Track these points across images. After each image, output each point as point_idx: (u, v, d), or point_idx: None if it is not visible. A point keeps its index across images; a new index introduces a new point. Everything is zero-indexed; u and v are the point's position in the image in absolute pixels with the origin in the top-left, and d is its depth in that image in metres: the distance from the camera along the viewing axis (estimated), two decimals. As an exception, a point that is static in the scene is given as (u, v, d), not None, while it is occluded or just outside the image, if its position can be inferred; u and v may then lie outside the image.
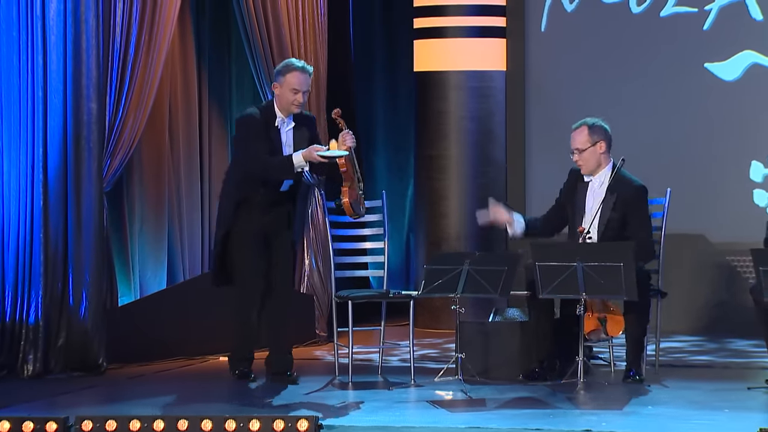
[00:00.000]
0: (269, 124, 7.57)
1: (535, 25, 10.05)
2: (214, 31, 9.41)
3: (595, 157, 7.70)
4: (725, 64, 9.66)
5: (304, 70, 7.57)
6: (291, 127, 7.62)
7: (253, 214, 7.59)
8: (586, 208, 7.71)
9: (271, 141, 7.54)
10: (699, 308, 9.60)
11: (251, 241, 7.62)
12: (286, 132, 7.62)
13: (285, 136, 7.61)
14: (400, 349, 8.75)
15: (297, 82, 7.53)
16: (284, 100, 7.56)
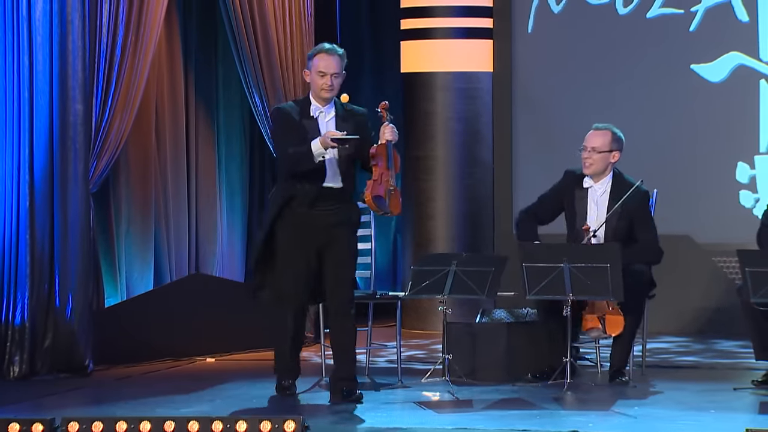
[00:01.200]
0: (303, 114, 7.06)
1: (521, 26, 10.05)
2: (201, 32, 9.39)
3: (605, 163, 7.72)
4: (711, 65, 9.68)
5: (331, 51, 7.05)
6: (332, 117, 7.10)
7: (298, 212, 7.04)
8: (589, 215, 7.70)
9: (304, 131, 7.00)
10: (685, 309, 9.61)
11: (295, 243, 7.07)
12: (326, 122, 7.09)
13: (324, 126, 7.06)
14: (387, 350, 8.75)
15: (324, 65, 7.02)
16: (315, 86, 7.05)
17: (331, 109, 7.11)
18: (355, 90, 10.83)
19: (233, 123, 9.60)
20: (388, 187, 7.03)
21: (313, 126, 7.05)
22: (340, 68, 7.06)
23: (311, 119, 7.06)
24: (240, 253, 9.59)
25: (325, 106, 7.10)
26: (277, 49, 9.08)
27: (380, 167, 7.02)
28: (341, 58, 7.07)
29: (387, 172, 7.03)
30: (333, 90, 7.06)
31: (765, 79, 9.54)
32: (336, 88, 7.07)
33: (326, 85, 7.02)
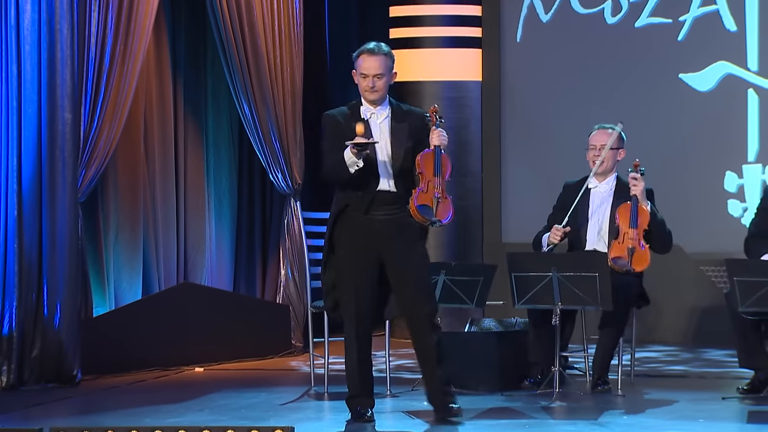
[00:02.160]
0: (354, 117, 6.71)
1: (510, 35, 10.07)
2: (190, 40, 9.40)
3: (614, 160, 7.82)
4: (700, 74, 9.70)
5: (372, 51, 6.72)
6: (385, 118, 6.72)
7: (354, 220, 6.67)
8: (590, 212, 7.76)
9: (353, 134, 6.61)
10: (674, 318, 9.63)
11: (353, 253, 6.68)
12: (379, 123, 6.72)
13: (377, 128, 6.70)
14: (376, 359, 8.72)
15: (366, 66, 6.69)
16: (360, 88, 6.73)
17: (384, 109, 6.75)
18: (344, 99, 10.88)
19: (222, 132, 9.60)
20: (434, 194, 6.64)
21: (367, 128, 6.69)
22: (385, 68, 6.70)
23: (362, 121, 6.69)
24: (229, 262, 9.59)
25: (378, 107, 6.74)
26: (266, 57, 9.09)
27: (426, 175, 6.66)
28: (385, 58, 6.72)
29: (434, 180, 6.64)
30: (377, 91, 6.69)
31: (753, 88, 9.57)
32: (381, 89, 6.71)
33: (368, 87, 6.69)
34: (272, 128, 9.17)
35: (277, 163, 9.23)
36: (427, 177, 6.64)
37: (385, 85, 6.72)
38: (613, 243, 7.58)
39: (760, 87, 9.56)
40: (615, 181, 7.83)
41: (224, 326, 8.85)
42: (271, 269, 9.54)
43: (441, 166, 6.66)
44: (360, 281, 6.65)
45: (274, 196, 9.60)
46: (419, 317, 6.66)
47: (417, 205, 6.59)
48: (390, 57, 6.77)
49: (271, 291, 9.47)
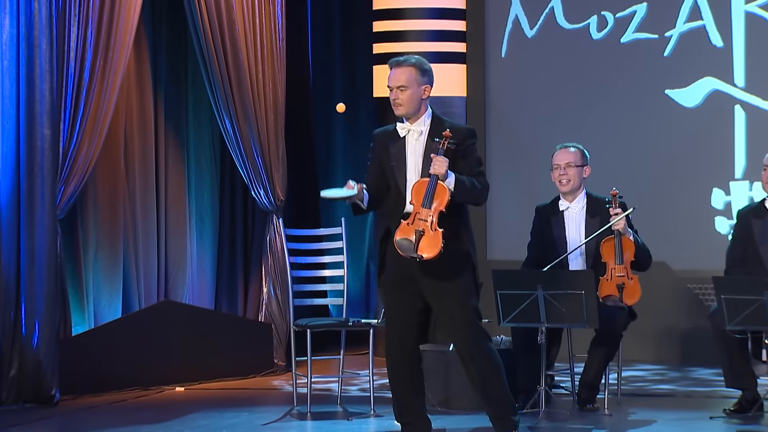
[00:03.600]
0: (394, 135, 6.50)
1: (495, 50, 10.08)
2: (171, 56, 9.38)
3: (580, 178, 7.81)
4: (686, 90, 9.72)
5: (393, 63, 6.50)
6: (420, 136, 6.46)
7: (391, 247, 6.44)
8: (568, 235, 7.75)
9: (388, 156, 6.46)
10: (661, 337, 9.62)
11: (391, 281, 6.51)
12: (416, 140, 6.47)
13: (412, 147, 6.46)
14: (360, 378, 8.72)
15: (390, 78, 6.44)
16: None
17: (422, 126, 6.47)
18: (327, 115, 10.90)
19: (203, 148, 9.58)
20: (417, 228, 6.30)
21: (399, 148, 6.47)
22: (410, 80, 6.41)
23: (398, 140, 6.48)
24: (210, 280, 9.56)
25: (414, 123, 6.47)
26: (248, 72, 9.08)
27: (414, 205, 6.34)
28: (411, 69, 6.44)
29: (421, 211, 6.29)
30: (400, 105, 6.42)
31: (740, 104, 9.59)
32: (405, 102, 6.42)
33: (392, 100, 6.45)
34: (254, 144, 9.15)
35: (260, 180, 9.21)
36: (415, 208, 6.35)
37: (410, 98, 6.42)
38: (601, 280, 7.57)
39: (747, 103, 9.57)
40: (585, 198, 7.83)
41: (205, 345, 8.82)
42: (253, 287, 9.51)
43: (433, 197, 6.31)
44: (395, 306, 6.50)
45: (256, 212, 9.58)
46: (457, 348, 6.54)
47: (395, 239, 6.35)
48: (418, 68, 6.47)
49: (253, 309, 9.44)
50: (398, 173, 6.45)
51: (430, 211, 6.31)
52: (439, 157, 6.33)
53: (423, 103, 6.47)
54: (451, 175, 6.35)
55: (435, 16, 9.94)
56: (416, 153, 6.45)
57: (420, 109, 6.48)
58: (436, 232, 6.31)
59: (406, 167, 6.44)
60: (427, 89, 6.49)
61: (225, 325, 9.10)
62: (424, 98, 6.47)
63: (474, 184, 6.42)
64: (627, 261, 7.59)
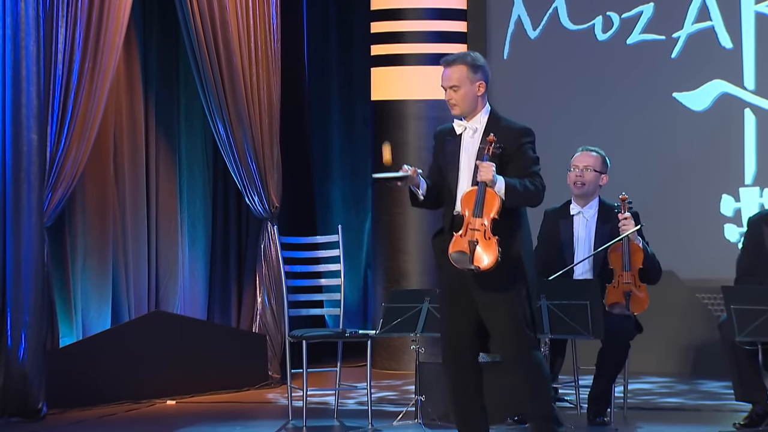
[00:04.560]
0: (451, 132, 6.52)
1: (497, 52, 10.09)
2: (162, 58, 9.40)
3: (596, 184, 7.84)
4: (694, 93, 9.74)
5: (444, 62, 6.51)
6: (475, 133, 6.47)
7: (441, 248, 6.44)
8: (576, 240, 7.77)
9: (444, 154, 6.50)
10: (668, 348, 9.63)
11: (441, 285, 6.50)
12: (471, 138, 6.48)
13: (468, 144, 6.48)
14: (357, 391, 8.73)
15: (442, 77, 6.48)
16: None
17: (477, 123, 6.48)
18: (323, 118, 10.92)
19: (196, 153, 9.59)
20: (470, 238, 6.28)
21: (455, 145, 6.48)
22: (461, 78, 6.42)
23: (455, 138, 6.49)
24: (203, 290, 9.57)
25: (469, 122, 6.48)
26: (241, 76, 9.09)
27: (466, 216, 6.31)
28: (462, 67, 6.44)
29: (473, 221, 6.27)
30: (455, 105, 6.44)
31: (750, 107, 9.61)
32: (459, 102, 6.43)
33: (447, 100, 6.49)
34: (248, 149, 9.16)
35: (254, 186, 9.22)
36: (466, 218, 6.31)
37: (464, 97, 6.44)
38: (608, 288, 7.57)
39: (758, 106, 9.59)
40: (598, 205, 7.84)
41: (198, 357, 8.83)
42: (247, 297, 9.51)
43: (483, 205, 6.28)
44: (447, 309, 6.46)
45: (250, 220, 9.59)
46: (505, 361, 6.46)
47: (450, 253, 6.30)
48: (470, 66, 6.47)
49: (247, 319, 9.45)
50: (451, 171, 6.48)
51: (482, 219, 6.30)
52: (485, 162, 6.33)
53: (479, 100, 6.48)
54: (501, 180, 6.33)
55: (435, 17, 9.96)
56: (470, 151, 6.46)
57: (476, 107, 6.49)
58: (490, 240, 6.29)
59: (459, 165, 6.47)
60: (481, 86, 6.49)
61: (218, 336, 9.10)
62: (479, 95, 6.49)
63: (526, 187, 6.38)
64: (635, 268, 7.60)
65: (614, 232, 7.67)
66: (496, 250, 6.26)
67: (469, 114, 6.49)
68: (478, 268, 6.28)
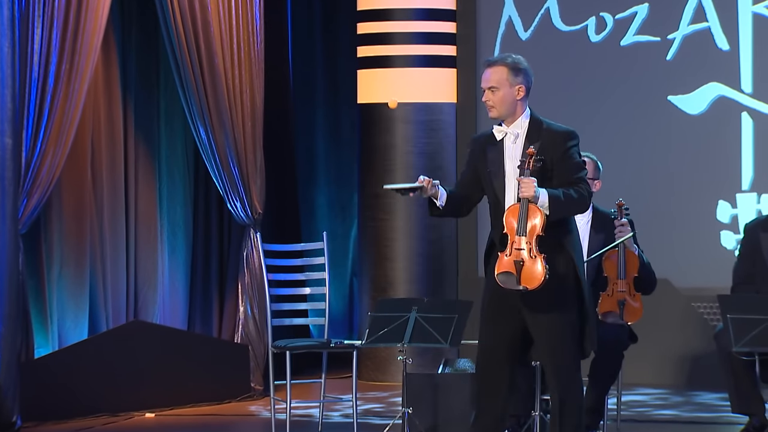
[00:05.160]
0: (491, 139, 6.51)
1: (487, 53, 10.09)
2: (141, 60, 9.39)
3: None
4: (690, 96, 9.75)
5: (487, 61, 6.52)
6: (517, 138, 6.45)
7: (490, 264, 6.43)
8: None
9: (486, 162, 6.46)
10: (663, 358, 9.63)
11: (486, 300, 6.46)
12: (514, 144, 6.46)
13: (510, 150, 6.45)
14: (343, 403, 8.72)
15: (482, 78, 6.48)
16: None
17: (518, 128, 6.46)
18: (308, 122, 10.91)
19: (176, 157, 9.59)
20: (516, 258, 6.28)
21: (497, 153, 6.45)
22: (500, 80, 6.42)
23: (496, 144, 6.47)
24: (183, 299, 9.56)
25: (510, 126, 6.46)
26: (223, 77, 9.08)
27: (510, 235, 6.30)
28: (502, 68, 6.44)
29: (518, 240, 6.27)
30: (492, 107, 6.42)
31: (747, 111, 9.62)
32: (497, 104, 6.41)
33: (484, 102, 6.47)
34: (230, 153, 9.16)
35: (236, 191, 9.21)
36: (511, 238, 6.30)
37: (502, 100, 6.42)
38: (602, 296, 7.56)
39: (755, 110, 9.60)
40: (591, 212, 7.82)
41: (178, 368, 8.81)
42: (229, 306, 9.51)
43: (527, 222, 6.27)
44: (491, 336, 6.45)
45: (232, 226, 9.58)
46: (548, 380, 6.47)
47: (497, 274, 6.30)
48: (511, 68, 6.48)
49: (229, 329, 9.44)
50: (496, 180, 6.44)
51: (527, 237, 6.28)
52: (525, 179, 6.30)
53: (518, 104, 6.47)
54: (544, 193, 6.30)
55: (423, 17, 9.96)
56: (514, 158, 6.42)
57: (516, 111, 6.47)
58: (536, 258, 6.27)
59: (505, 173, 6.43)
60: (521, 90, 6.47)
61: (199, 346, 9.09)
62: (518, 99, 6.46)
63: (570, 196, 6.36)
64: (630, 276, 7.59)
65: (608, 241, 7.66)
66: (544, 268, 6.25)
67: (508, 118, 6.48)
68: (527, 288, 6.27)
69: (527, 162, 6.31)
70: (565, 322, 6.38)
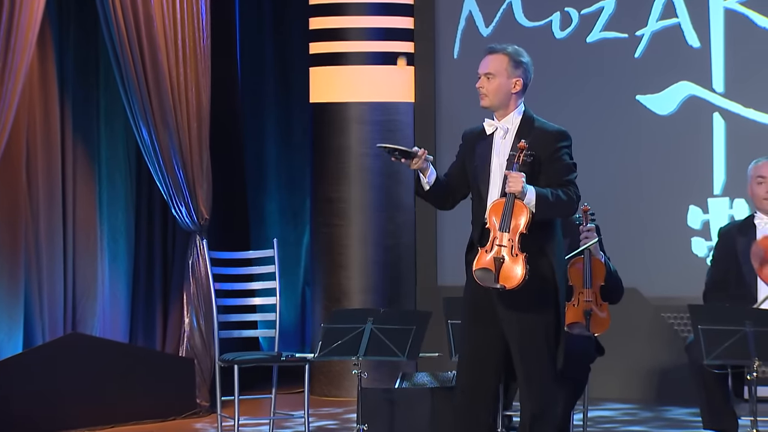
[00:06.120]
0: (482, 133, 6.53)
1: (446, 50, 10.10)
2: (79, 56, 9.36)
3: None
4: (659, 96, 9.79)
5: (489, 48, 6.56)
6: (507, 134, 6.47)
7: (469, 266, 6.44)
8: None
9: (473, 156, 6.49)
10: (631, 372, 9.66)
11: (470, 310, 6.47)
12: (503, 139, 6.48)
13: (499, 145, 6.48)
14: (294, 420, 8.70)
15: (480, 64, 6.54)
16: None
17: (509, 123, 6.49)
18: (257, 123, 10.89)
19: (117, 160, 9.56)
20: (496, 255, 6.27)
21: (486, 147, 6.48)
22: (498, 68, 6.46)
23: (485, 138, 6.50)
24: (124, 310, 9.52)
25: (501, 121, 6.50)
26: (167, 75, 9.05)
27: (492, 230, 6.30)
28: (503, 57, 6.47)
29: (500, 236, 6.28)
30: (485, 95, 6.46)
31: (719, 111, 9.67)
32: (490, 92, 6.44)
33: (477, 88, 6.50)
34: (175, 155, 9.13)
35: (181, 196, 9.18)
36: (493, 233, 6.31)
37: (496, 89, 6.45)
38: (567, 306, 7.57)
39: (727, 111, 9.65)
40: None
41: (119, 383, 8.77)
42: (174, 317, 9.48)
43: (511, 219, 6.28)
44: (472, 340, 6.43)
45: (177, 233, 9.56)
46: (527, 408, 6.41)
47: (474, 270, 6.30)
48: (511, 58, 6.50)
49: (173, 342, 9.41)
50: (481, 174, 6.46)
51: (509, 234, 6.28)
52: (514, 173, 6.30)
53: (512, 98, 6.49)
54: (531, 190, 6.31)
55: (379, 12, 9.97)
56: (501, 153, 6.45)
57: (509, 105, 6.49)
58: (517, 257, 6.27)
59: (490, 168, 6.45)
60: (518, 83, 6.49)
61: (141, 360, 9.05)
62: (514, 92, 6.48)
63: (559, 197, 6.37)
64: (596, 285, 7.61)
65: (573, 247, 7.68)
66: (524, 267, 6.24)
67: (499, 110, 6.50)
68: (504, 287, 6.26)
69: (517, 156, 6.32)
70: (540, 328, 6.36)
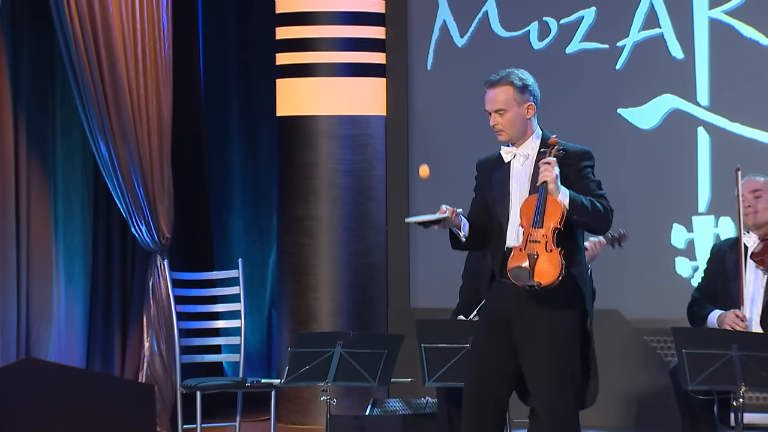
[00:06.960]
0: (498, 161, 6.63)
1: (420, 62, 10.12)
2: (34, 67, 9.36)
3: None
4: (641, 109, 9.81)
5: (488, 82, 6.67)
6: (527, 159, 6.56)
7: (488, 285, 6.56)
8: None
9: (491, 185, 6.60)
10: (611, 397, 9.66)
11: (481, 321, 6.60)
12: (522, 165, 6.57)
13: (518, 173, 6.57)
14: (260, 449, 8.70)
15: (485, 101, 6.63)
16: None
17: (529, 149, 6.58)
18: (222, 137, 10.88)
19: (74, 176, 9.55)
20: (530, 251, 6.34)
21: (502, 175, 6.57)
22: (507, 101, 6.57)
23: (502, 166, 6.60)
24: (81, 334, 9.50)
25: (520, 148, 6.59)
26: (126, 87, 9.05)
27: (525, 227, 6.38)
28: (507, 88, 6.60)
29: (533, 232, 6.36)
30: (502, 131, 6.56)
31: (703, 126, 9.70)
32: (507, 127, 6.55)
33: (492, 126, 6.61)
34: (134, 171, 9.12)
35: (141, 214, 9.17)
36: (525, 230, 6.38)
37: (511, 121, 6.55)
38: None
39: (712, 125, 9.68)
40: None
41: (75, 410, 8.73)
42: (133, 341, 9.46)
43: (544, 213, 6.35)
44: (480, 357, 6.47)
45: (136, 253, 9.55)
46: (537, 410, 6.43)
47: (509, 269, 6.36)
48: (515, 85, 6.61)
49: (133, 367, 9.38)
50: (500, 203, 6.52)
51: (543, 230, 6.35)
52: (546, 159, 6.39)
53: (528, 123, 6.59)
54: (564, 190, 6.38)
55: (349, 22, 9.98)
56: (521, 179, 6.52)
57: (526, 131, 6.58)
58: (552, 252, 6.34)
59: (510, 196, 6.52)
60: (530, 108, 6.60)
61: (99, 386, 9.01)
62: (528, 118, 6.58)
63: (594, 203, 6.45)
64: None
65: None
66: (560, 263, 6.31)
67: (519, 139, 6.56)
68: (540, 284, 6.31)
69: (549, 152, 6.41)
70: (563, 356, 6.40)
